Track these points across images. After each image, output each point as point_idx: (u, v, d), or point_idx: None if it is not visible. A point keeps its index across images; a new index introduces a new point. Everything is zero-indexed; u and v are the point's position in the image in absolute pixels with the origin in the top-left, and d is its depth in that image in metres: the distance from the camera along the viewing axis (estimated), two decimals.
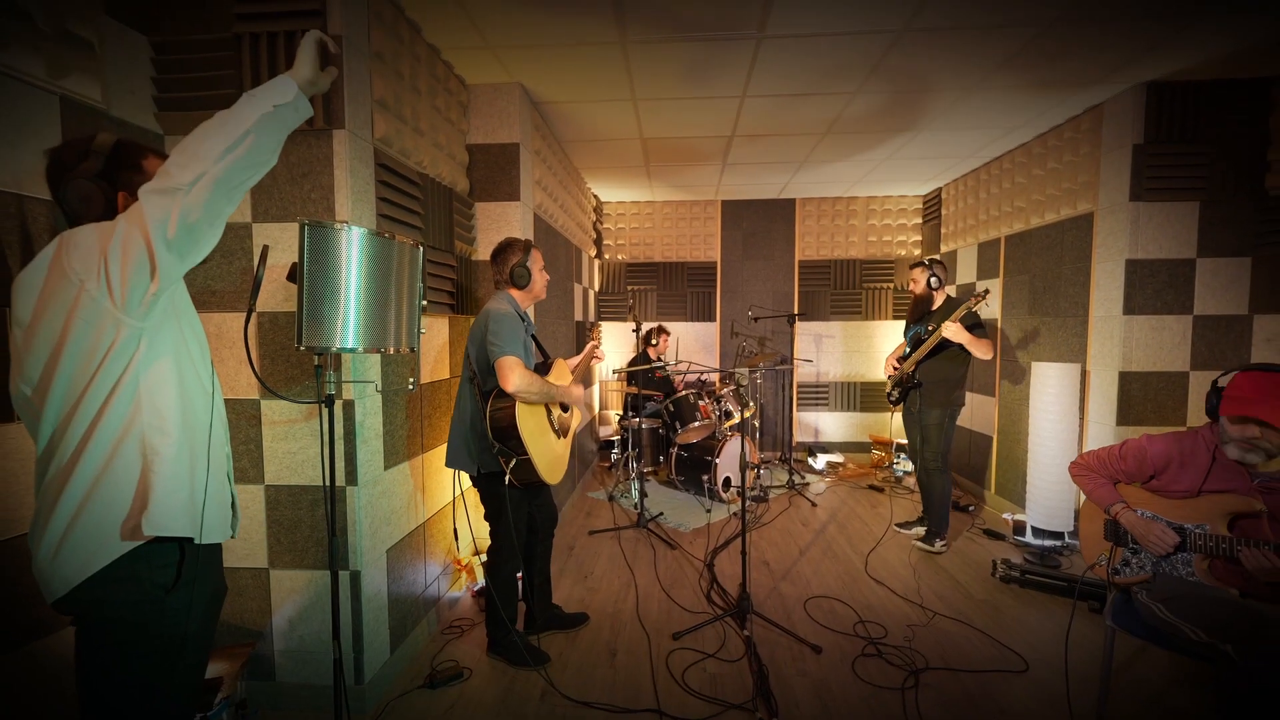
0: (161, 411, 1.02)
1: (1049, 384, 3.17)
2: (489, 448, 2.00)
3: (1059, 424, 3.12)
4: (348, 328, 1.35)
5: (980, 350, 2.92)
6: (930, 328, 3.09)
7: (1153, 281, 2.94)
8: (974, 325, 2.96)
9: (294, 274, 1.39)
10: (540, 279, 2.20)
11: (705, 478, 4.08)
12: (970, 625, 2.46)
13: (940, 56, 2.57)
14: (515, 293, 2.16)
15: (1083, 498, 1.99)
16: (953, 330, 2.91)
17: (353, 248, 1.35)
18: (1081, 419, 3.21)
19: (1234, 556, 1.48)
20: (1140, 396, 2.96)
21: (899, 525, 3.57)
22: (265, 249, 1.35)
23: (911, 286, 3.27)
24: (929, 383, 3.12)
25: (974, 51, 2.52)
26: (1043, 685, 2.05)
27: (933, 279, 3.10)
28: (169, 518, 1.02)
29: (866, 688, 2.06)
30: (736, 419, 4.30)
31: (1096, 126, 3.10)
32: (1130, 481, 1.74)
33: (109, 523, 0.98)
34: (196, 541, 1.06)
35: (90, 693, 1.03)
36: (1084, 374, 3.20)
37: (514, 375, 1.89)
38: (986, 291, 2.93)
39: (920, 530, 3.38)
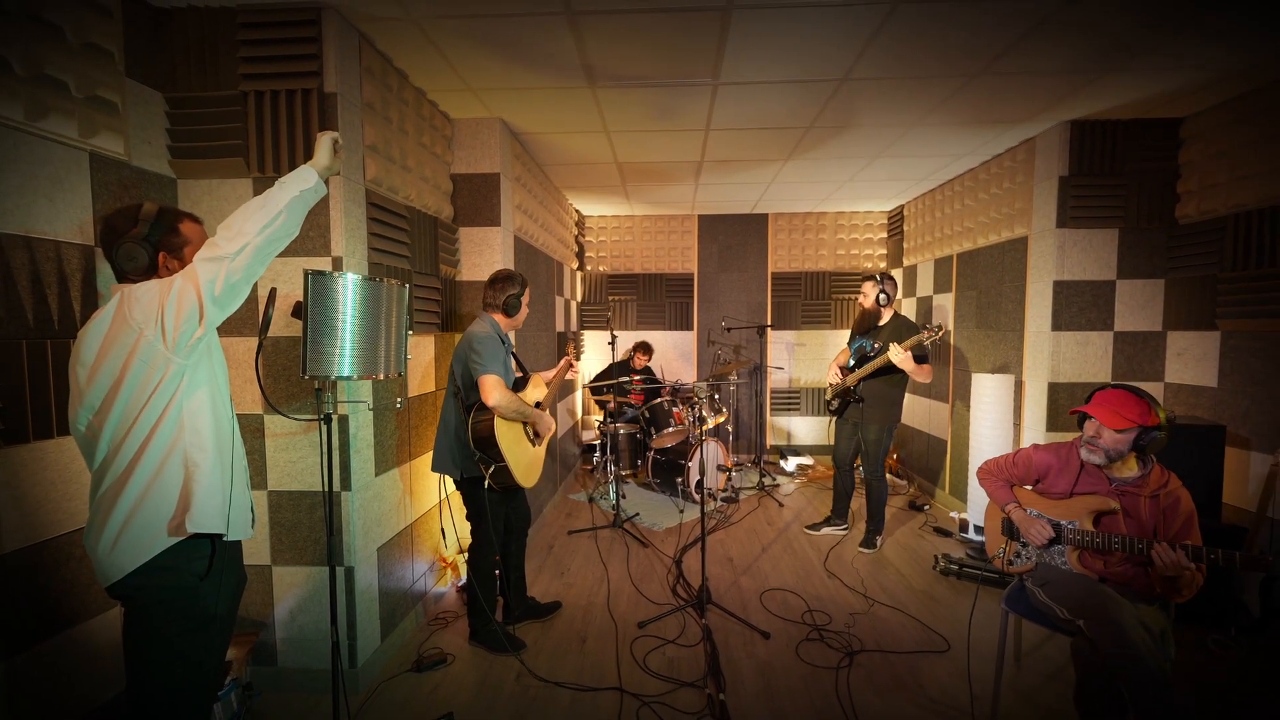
0: (200, 431, 1.27)
1: (986, 393, 3.46)
2: (470, 455, 2.25)
3: (995, 430, 3.41)
4: (344, 359, 1.59)
5: (922, 377, 3.17)
6: (876, 345, 3.31)
7: (1078, 300, 3.24)
8: (920, 357, 3.16)
9: (298, 310, 1.63)
10: (524, 312, 2.49)
11: (679, 480, 4.33)
12: (905, 612, 2.74)
13: (880, 99, 2.84)
14: (500, 318, 2.41)
15: None
16: (901, 358, 3.08)
17: (348, 291, 1.59)
18: (1017, 425, 3.50)
19: (1108, 549, 1.76)
20: (1067, 405, 3.25)
21: (808, 528, 3.81)
22: (273, 291, 1.58)
23: (861, 299, 3.46)
24: (870, 399, 3.36)
25: (910, 96, 2.80)
26: (959, 663, 2.33)
27: (881, 295, 3.35)
28: (207, 517, 1.26)
29: (806, 668, 2.32)
30: (710, 424, 4.56)
31: (1029, 159, 3.40)
32: (1022, 485, 2.01)
33: (157, 522, 1.22)
34: (226, 538, 1.30)
35: (135, 664, 1.26)
36: (1019, 384, 3.50)
37: (494, 393, 2.14)
38: (940, 327, 3.07)
39: (830, 530, 3.71)
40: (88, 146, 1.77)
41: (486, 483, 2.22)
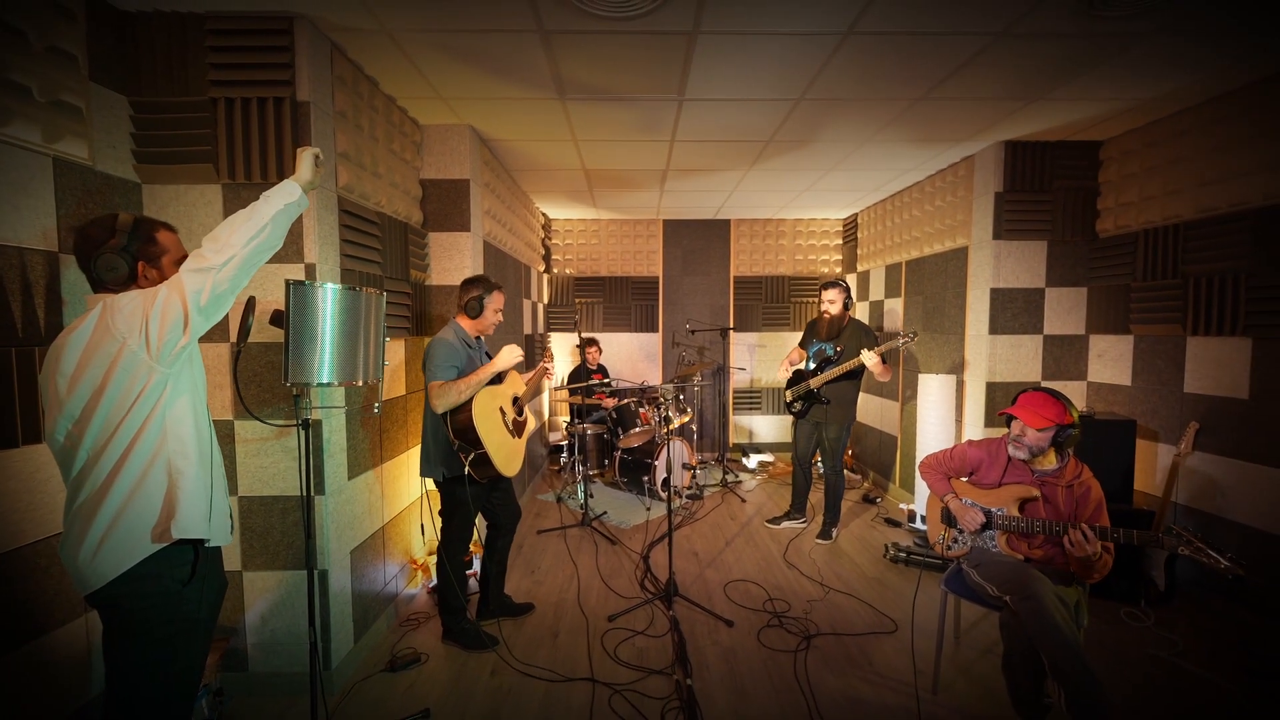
0: (183, 439, 1.30)
1: (931, 393, 3.71)
2: (452, 451, 2.30)
3: (938, 426, 3.66)
4: (324, 366, 1.63)
5: (885, 377, 3.38)
6: (838, 349, 3.49)
7: (1012, 306, 3.51)
8: (883, 358, 3.33)
9: (276, 318, 1.66)
10: (492, 317, 2.49)
11: (646, 479, 4.45)
12: (858, 598, 2.93)
13: (834, 117, 3.03)
14: (466, 321, 2.46)
15: None
16: (874, 361, 3.25)
17: (327, 300, 1.63)
18: (959, 422, 3.77)
19: (1031, 533, 1.97)
20: (1003, 403, 3.53)
21: (769, 521, 3.96)
22: (252, 299, 1.61)
23: (828, 307, 3.55)
24: (835, 401, 3.54)
25: (861, 115, 3.00)
26: (906, 642, 2.52)
27: (847, 300, 3.55)
28: (192, 523, 1.29)
29: (767, 652, 2.47)
30: (675, 424, 4.70)
31: (969, 174, 3.67)
32: (958, 477, 2.22)
33: (141, 529, 1.25)
34: (209, 544, 1.34)
35: (117, 671, 1.28)
36: (961, 384, 3.76)
37: (436, 400, 2.21)
38: (915, 334, 3.32)
39: (790, 524, 3.88)
40: (51, 152, 1.74)
41: (466, 470, 2.27)
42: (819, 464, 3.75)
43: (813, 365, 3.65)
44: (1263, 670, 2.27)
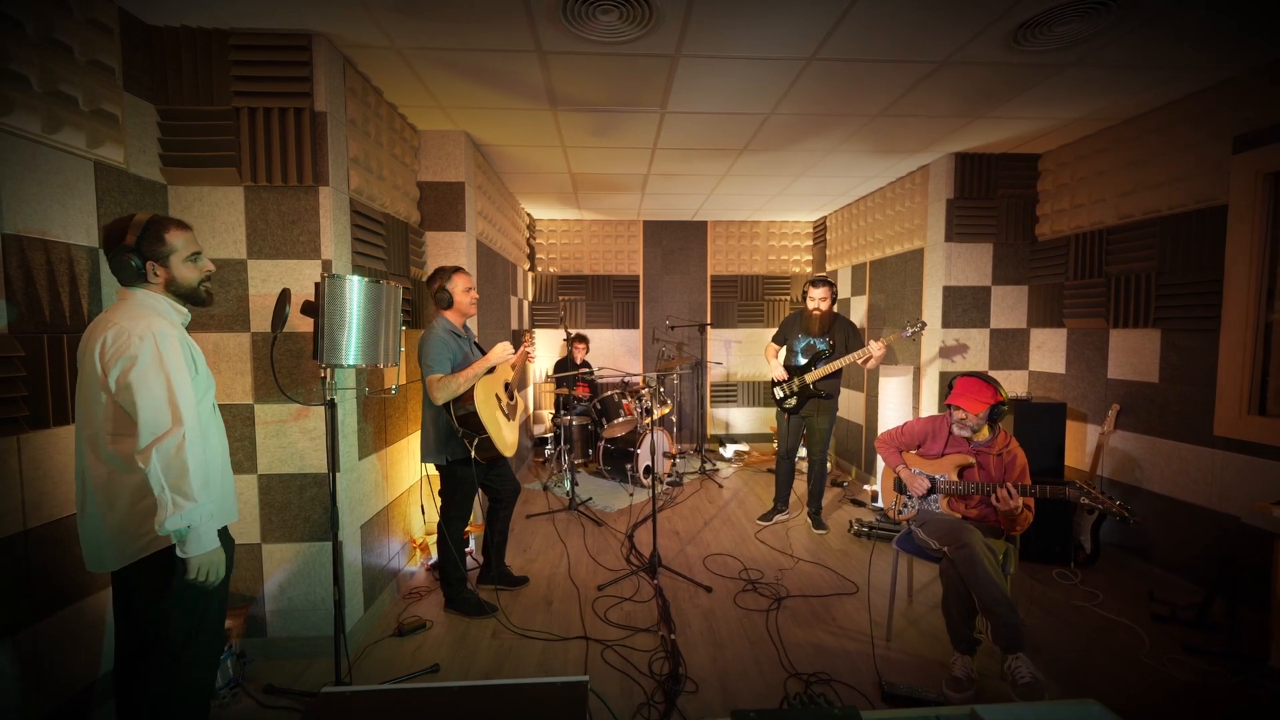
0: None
1: (892, 383, 4.05)
2: (454, 436, 2.51)
3: (898, 413, 4.00)
4: (351, 348, 1.85)
5: (875, 365, 3.51)
6: (831, 343, 3.60)
7: (962, 303, 3.87)
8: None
9: (307, 308, 1.86)
10: (464, 299, 2.59)
11: (629, 466, 4.70)
12: (824, 566, 3.24)
13: (801, 130, 3.33)
14: (445, 313, 2.61)
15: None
16: (880, 351, 3.33)
17: (355, 290, 1.85)
18: (916, 409, 4.12)
19: (967, 494, 2.29)
20: None
21: (761, 519, 3.96)
22: (286, 291, 1.81)
23: (819, 304, 3.60)
24: (828, 394, 3.68)
25: (826, 128, 3.30)
26: (864, 600, 2.83)
27: (834, 296, 3.68)
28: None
29: (742, 611, 2.75)
30: (657, 415, 4.95)
31: (924, 183, 4.01)
32: (908, 450, 2.52)
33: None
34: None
35: (150, 635, 1.46)
36: (918, 373, 4.11)
37: (436, 392, 2.39)
38: (924, 324, 3.42)
39: (779, 519, 3.93)
40: (93, 156, 1.91)
41: (472, 453, 2.48)
42: (802, 456, 3.85)
43: (804, 361, 3.71)
44: (1163, 614, 2.64)
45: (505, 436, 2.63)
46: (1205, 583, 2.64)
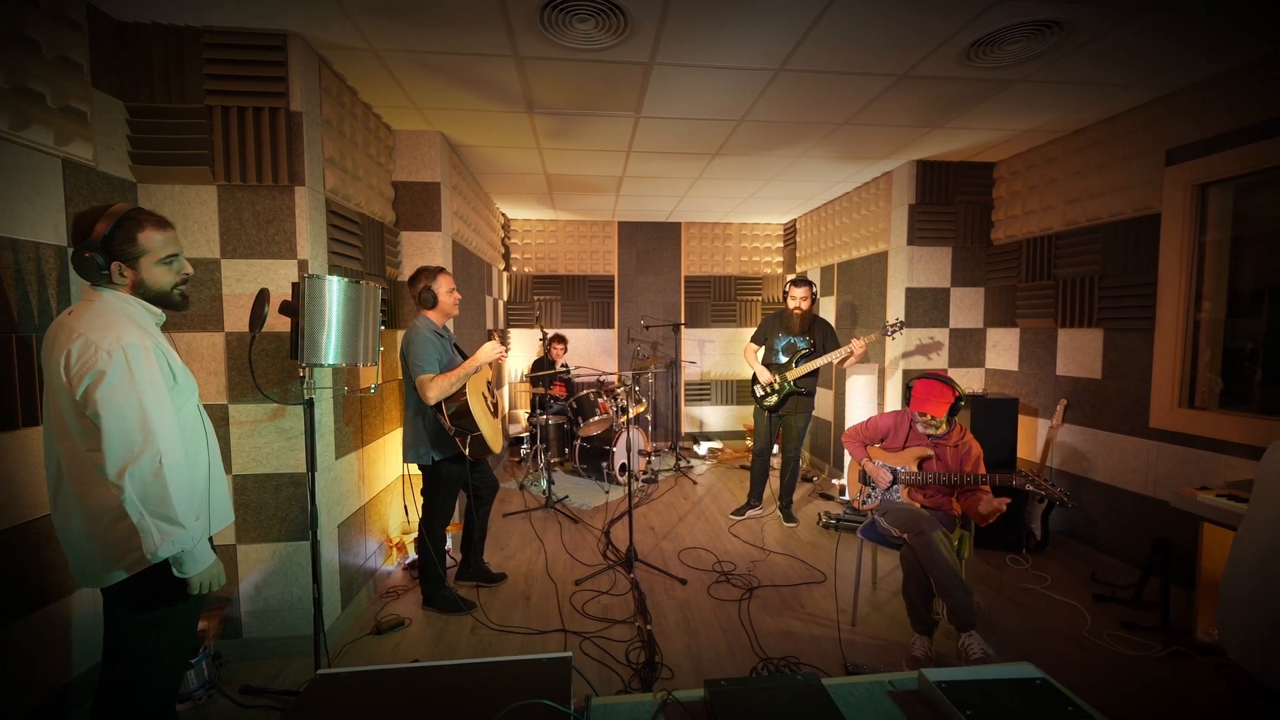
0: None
1: (859, 381, 4.21)
2: (441, 435, 2.52)
3: (864, 410, 4.16)
4: (330, 348, 1.87)
5: (858, 362, 3.68)
6: (812, 342, 3.70)
7: (923, 304, 4.05)
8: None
9: (285, 308, 1.88)
10: (448, 299, 2.62)
11: (604, 464, 4.76)
12: (794, 557, 3.36)
13: (772, 136, 3.44)
14: (427, 313, 2.64)
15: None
16: (861, 349, 3.45)
17: (334, 291, 1.87)
18: (880, 406, 4.28)
19: (925, 484, 2.42)
20: None
21: (733, 513, 4.03)
22: (264, 291, 1.82)
23: (800, 303, 3.68)
24: (809, 391, 3.77)
25: (794, 135, 3.42)
26: (831, 588, 2.96)
27: (814, 296, 3.78)
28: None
29: (715, 602, 2.84)
30: (632, 414, 5.03)
31: (888, 188, 4.18)
32: (873, 443, 2.66)
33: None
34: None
35: (130, 641, 1.40)
36: (882, 372, 4.28)
37: (430, 390, 2.41)
38: (901, 324, 3.55)
39: (752, 514, 4.02)
40: (61, 154, 1.89)
41: (467, 451, 2.50)
42: (776, 454, 3.95)
43: (784, 359, 3.79)
44: (1104, 594, 2.83)
45: (494, 433, 2.67)
46: (1143, 565, 2.85)
